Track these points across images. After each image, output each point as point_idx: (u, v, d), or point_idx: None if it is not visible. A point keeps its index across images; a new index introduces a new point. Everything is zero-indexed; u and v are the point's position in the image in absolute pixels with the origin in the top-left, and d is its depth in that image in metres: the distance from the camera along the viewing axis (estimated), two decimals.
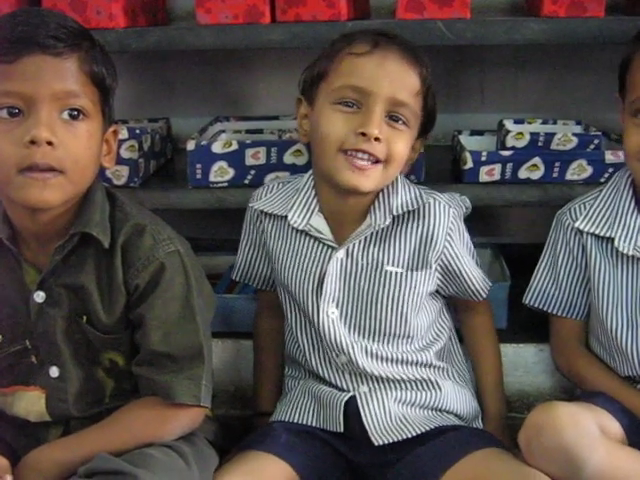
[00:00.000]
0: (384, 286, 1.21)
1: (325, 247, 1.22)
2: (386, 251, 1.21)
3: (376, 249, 1.21)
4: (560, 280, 1.31)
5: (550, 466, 1.07)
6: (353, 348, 1.21)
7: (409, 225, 1.21)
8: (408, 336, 1.24)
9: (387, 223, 1.19)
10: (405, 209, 1.20)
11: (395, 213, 1.20)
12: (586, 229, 1.26)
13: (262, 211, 1.27)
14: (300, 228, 1.22)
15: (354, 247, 1.21)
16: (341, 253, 1.21)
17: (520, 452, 1.22)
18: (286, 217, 1.23)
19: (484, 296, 1.32)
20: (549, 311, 1.34)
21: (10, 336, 1.12)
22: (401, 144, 1.16)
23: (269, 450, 1.17)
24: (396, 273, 1.21)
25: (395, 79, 1.14)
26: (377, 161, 1.14)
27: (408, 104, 1.15)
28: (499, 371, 1.38)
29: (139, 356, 1.09)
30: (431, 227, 1.21)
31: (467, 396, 1.29)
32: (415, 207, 1.20)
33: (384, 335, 1.23)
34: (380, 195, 1.20)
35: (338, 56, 1.16)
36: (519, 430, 1.42)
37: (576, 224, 1.26)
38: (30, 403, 1.12)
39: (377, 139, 1.12)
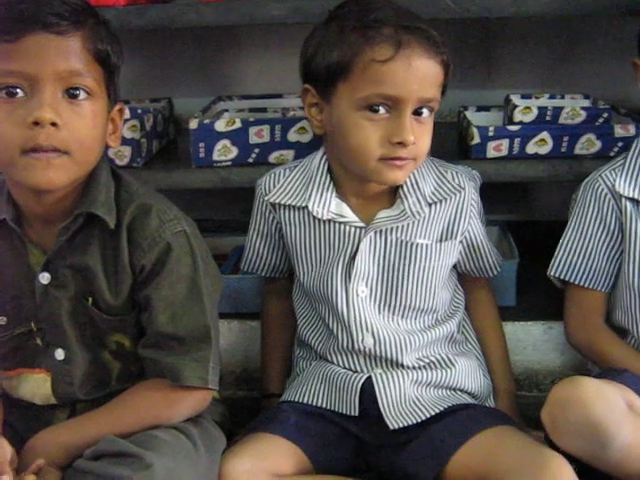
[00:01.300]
0: (414, 259, 1.21)
1: (352, 228, 1.20)
2: (417, 227, 1.21)
3: (407, 226, 1.20)
4: (589, 249, 1.28)
5: (576, 442, 1.05)
6: (381, 327, 1.21)
7: (440, 205, 1.22)
8: (434, 310, 1.25)
9: (426, 213, 1.19)
10: (440, 197, 1.21)
11: (430, 201, 1.20)
12: (626, 193, 1.23)
13: (277, 203, 1.24)
14: (325, 218, 1.20)
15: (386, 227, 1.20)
16: (372, 233, 1.20)
17: (532, 430, 1.22)
18: (305, 207, 1.21)
19: (498, 271, 1.33)
20: (575, 282, 1.30)
21: (15, 318, 1.11)
22: (427, 138, 1.15)
23: (278, 432, 1.16)
24: (425, 245, 1.21)
25: (422, 79, 1.10)
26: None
27: (435, 97, 1.13)
28: (506, 347, 1.37)
29: (145, 338, 1.08)
30: (460, 204, 1.22)
31: (479, 373, 1.29)
32: (449, 195, 1.21)
33: (412, 310, 1.23)
34: (407, 178, 1.19)
35: (359, 60, 1.10)
36: (527, 409, 1.43)
37: (616, 188, 1.24)
38: (36, 386, 1.12)
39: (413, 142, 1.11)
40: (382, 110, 1.11)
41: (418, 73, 1.09)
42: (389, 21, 1.10)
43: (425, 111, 1.13)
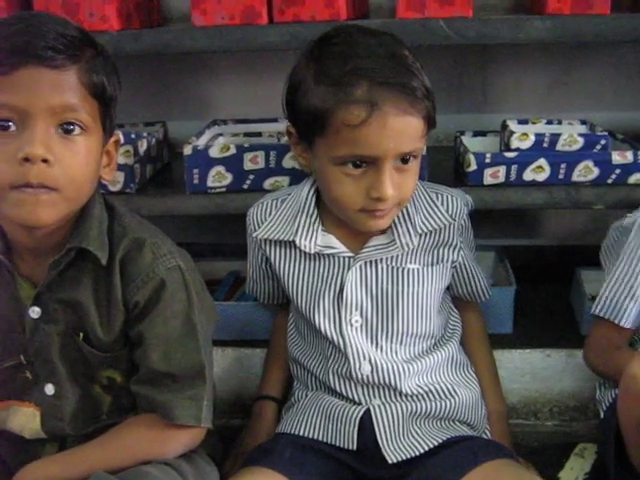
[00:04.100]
0: (406, 284, 1.20)
1: (341, 258, 1.19)
2: (407, 254, 1.19)
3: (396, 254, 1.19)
4: (638, 291, 1.22)
5: None
6: (378, 355, 1.19)
7: (430, 233, 1.20)
8: (432, 335, 1.24)
9: (415, 244, 1.18)
10: (431, 228, 1.19)
11: (420, 232, 1.18)
12: None
13: (264, 239, 1.23)
14: (312, 252, 1.19)
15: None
16: (361, 263, 1.19)
17: (524, 461, 1.23)
18: (293, 241, 1.20)
19: (489, 295, 1.33)
20: (619, 323, 1.24)
21: (4, 351, 1.08)
22: (411, 182, 1.12)
23: (272, 466, 1.13)
24: (417, 270, 1.20)
25: (399, 137, 1.05)
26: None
27: (416, 149, 1.09)
28: (495, 369, 1.37)
29: (138, 375, 1.06)
30: (450, 230, 1.21)
31: (480, 403, 1.27)
32: (441, 226, 1.20)
33: (409, 336, 1.21)
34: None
35: (332, 122, 1.05)
36: (525, 437, 1.42)
37: None
38: (25, 420, 1.09)
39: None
40: (361, 165, 1.08)
41: (393, 132, 1.05)
42: (365, 76, 1.04)
43: (410, 159, 1.10)
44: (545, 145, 1.42)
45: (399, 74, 1.05)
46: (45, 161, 0.93)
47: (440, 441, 1.17)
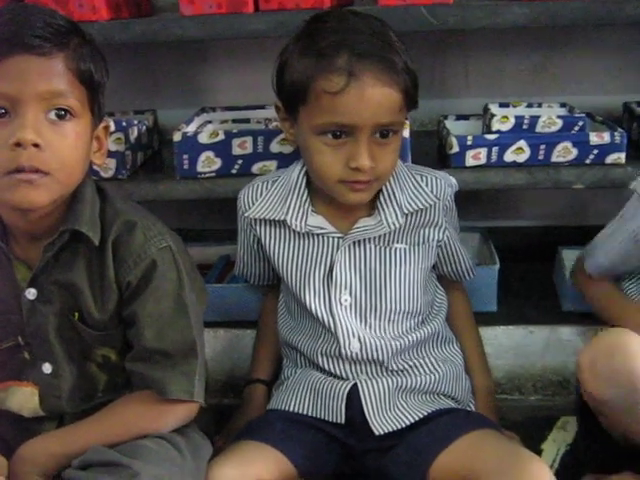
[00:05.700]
0: (394, 262, 1.23)
1: (330, 239, 1.23)
2: (394, 234, 1.23)
3: (384, 234, 1.22)
4: (610, 253, 1.28)
5: (611, 390, 1.08)
6: (366, 333, 1.23)
7: (416, 213, 1.24)
8: (419, 312, 1.27)
9: (401, 223, 1.21)
10: (416, 207, 1.22)
11: (406, 211, 1.22)
12: None
13: (255, 218, 1.26)
14: (303, 232, 1.23)
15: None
16: (349, 243, 1.22)
17: (505, 430, 1.26)
18: (284, 221, 1.23)
19: (473, 274, 1.36)
20: (584, 266, 1.33)
21: (2, 333, 1.11)
22: (390, 158, 1.15)
23: (264, 440, 1.17)
24: (403, 249, 1.23)
25: (377, 107, 1.09)
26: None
27: (394, 122, 1.13)
28: (482, 345, 1.41)
29: (132, 352, 1.09)
30: (435, 211, 1.24)
31: (463, 377, 1.31)
32: (426, 206, 1.23)
33: (397, 314, 1.24)
34: (384, 188, 1.21)
35: (312, 89, 1.10)
36: (510, 412, 1.45)
37: None
38: (24, 399, 1.12)
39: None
40: (340, 135, 1.11)
41: (371, 102, 1.09)
42: (346, 47, 1.09)
43: (390, 134, 1.13)
44: (525, 127, 1.46)
45: (380, 49, 1.10)
46: (36, 146, 0.97)
47: (425, 414, 1.21)
